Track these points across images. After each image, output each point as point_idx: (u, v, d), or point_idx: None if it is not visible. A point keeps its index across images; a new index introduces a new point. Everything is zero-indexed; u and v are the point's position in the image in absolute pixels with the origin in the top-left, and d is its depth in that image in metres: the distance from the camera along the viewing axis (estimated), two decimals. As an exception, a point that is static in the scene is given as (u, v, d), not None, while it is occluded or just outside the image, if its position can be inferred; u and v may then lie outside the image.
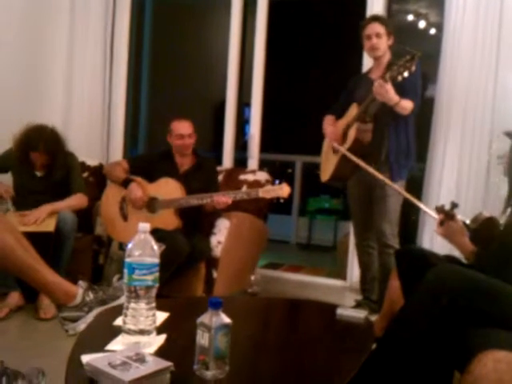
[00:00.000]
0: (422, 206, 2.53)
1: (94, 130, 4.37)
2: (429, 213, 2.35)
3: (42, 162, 3.39)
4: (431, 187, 3.52)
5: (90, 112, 4.35)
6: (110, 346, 1.47)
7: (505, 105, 3.32)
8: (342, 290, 3.99)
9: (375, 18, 3.26)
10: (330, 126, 3.40)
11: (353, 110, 3.25)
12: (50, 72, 4.27)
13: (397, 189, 2.81)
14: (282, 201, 3.18)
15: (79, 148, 3.75)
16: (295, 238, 6.83)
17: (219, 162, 4.23)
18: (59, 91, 4.30)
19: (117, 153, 4.48)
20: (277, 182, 3.23)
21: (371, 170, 2.86)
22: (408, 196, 2.63)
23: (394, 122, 3.13)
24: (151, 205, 3.37)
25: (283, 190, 3.13)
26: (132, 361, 1.29)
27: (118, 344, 1.48)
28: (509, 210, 2.06)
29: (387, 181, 2.84)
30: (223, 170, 3.95)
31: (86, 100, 4.34)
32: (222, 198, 3.17)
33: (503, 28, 3.33)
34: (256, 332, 1.79)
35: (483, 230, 2.08)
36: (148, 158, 3.70)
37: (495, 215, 2.13)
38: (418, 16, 5.86)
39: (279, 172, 7.34)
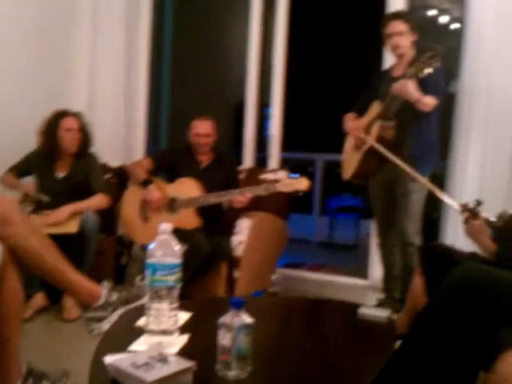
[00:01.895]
0: (448, 199, 2.50)
1: (116, 131, 4.40)
2: (455, 207, 2.32)
3: (78, 128, 3.46)
4: (454, 185, 3.47)
5: (111, 114, 4.38)
6: (133, 347, 1.48)
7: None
8: (363, 289, 3.96)
9: (397, 16, 3.20)
10: (353, 122, 3.37)
11: (375, 108, 3.22)
12: (71, 74, 4.30)
13: (423, 181, 2.77)
14: (300, 194, 3.12)
15: (101, 149, 3.78)
16: (317, 236, 6.81)
17: (239, 161, 4.23)
18: (81, 95, 4.33)
19: (138, 153, 4.51)
20: (296, 175, 3.17)
21: (398, 161, 2.81)
22: (434, 189, 2.59)
23: (416, 118, 3.10)
24: (171, 205, 3.40)
25: (302, 184, 3.10)
26: (155, 361, 1.30)
27: (140, 344, 1.49)
28: None
29: (413, 172, 2.79)
30: (244, 169, 3.95)
31: (107, 102, 4.37)
32: (239, 197, 3.17)
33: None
34: (278, 332, 1.79)
35: (508, 227, 2.05)
36: (171, 153, 3.77)
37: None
38: (440, 11, 5.79)
39: (300, 170, 7.30)
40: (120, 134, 4.43)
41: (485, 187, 3.36)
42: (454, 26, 5.57)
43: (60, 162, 3.51)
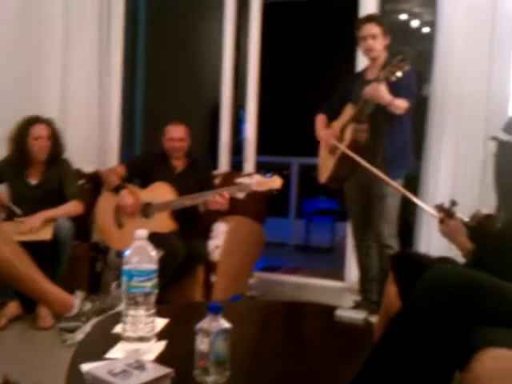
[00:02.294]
0: (421, 203, 2.53)
1: (90, 136, 4.35)
2: (428, 210, 2.34)
3: (47, 136, 3.41)
4: (427, 186, 3.52)
5: (85, 119, 4.33)
6: (109, 354, 1.47)
7: (499, 103, 3.33)
8: (340, 291, 3.98)
9: (370, 18, 3.22)
10: (323, 129, 3.40)
11: (348, 111, 3.24)
12: (43, 80, 4.24)
13: (396, 186, 2.80)
14: (275, 193, 3.14)
15: (75, 155, 3.74)
16: (293, 239, 6.82)
17: (215, 165, 4.23)
18: (54, 99, 4.27)
19: (113, 158, 4.47)
20: (269, 174, 3.19)
21: (370, 167, 2.84)
22: (408, 194, 2.62)
23: (389, 121, 3.13)
24: (145, 210, 3.38)
25: (275, 182, 3.11)
26: (132, 368, 1.29)
27: (117, 352, 1.48)
28: (502, 211, 2.05)
29: (386, 178, 2.82)
30: (220, 173, 3.95)
31: (81, 107, 4.32)
32: (218, 198, 3.16)
33: (496, 26, 3.33)
34: (256, 336, 1.79)
35: (482, 228, 2.08)
36: (145, 159, 3.76)
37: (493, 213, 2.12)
38: (411, 15, 5.86)
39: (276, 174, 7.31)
40: (94, 138, 4.38)
41: (458, 189, 3.42)
42: (426, 29, 5.65)
43: (31, 169, 3.46)
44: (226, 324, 1.33)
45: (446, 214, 2.16)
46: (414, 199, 2.56)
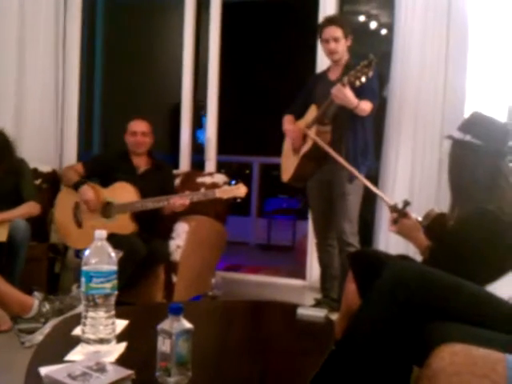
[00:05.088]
0: (382, 194, 2.57)
1: (47, 135, 4.26)
2: (389, 203, 2.38)
3: None
4: (385, 185, 3.58)
5: (41, 117, 4.24)
6: (69, 357, 1.44)
7: (454, 103, 3.41)
8: (302, 290, 4.02)
9: (332, 21, 3.24)
10: (291, 125, 3.41)
11: (312, 112, 3.27)
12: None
13: (361, 177, 2.81)
14: (238, 200, 3.21)
15: (31, 154, 3.67)
16: (255, 239, 6.84)
17: (176, 165, 4.20)
18: (9, 97, 4.17)
19: (70, 158, 4.39)
20: (233, 182, 3.25)
21: (340, 159, 2.85)
22: (371, 186, 2.65)
23: (352, 122, 3.17)
24: (106, 210, 3.32)
25: (240, 190, 3.16)
26: (92, 371, 1.27)
27: (77, 354, 1.46)
28: (456, 209, 2.11)
29: (354, 171, 2.81)
30: (180, 173, 3.92)
31: (37, 105, 4.23)
32: (179, 200, 3.16)
33: (451, 29, 3.41)
34: (217, 336, 1.79)
35: (435, 227, 2.13)
36: (104, 158, 3.68)
37: (446, 212, 2.18)
38: (370, 17, 5.94)
39: (237, 173, 7.34)
40: (51, 138, 4.29)
41: (415, 188, 3.49)
42: (383, 31, 5.74)
43: None
44: (187, 324, 1.32)
45: (400, 214, 2.20)
46: (376, 190, 2.61)
